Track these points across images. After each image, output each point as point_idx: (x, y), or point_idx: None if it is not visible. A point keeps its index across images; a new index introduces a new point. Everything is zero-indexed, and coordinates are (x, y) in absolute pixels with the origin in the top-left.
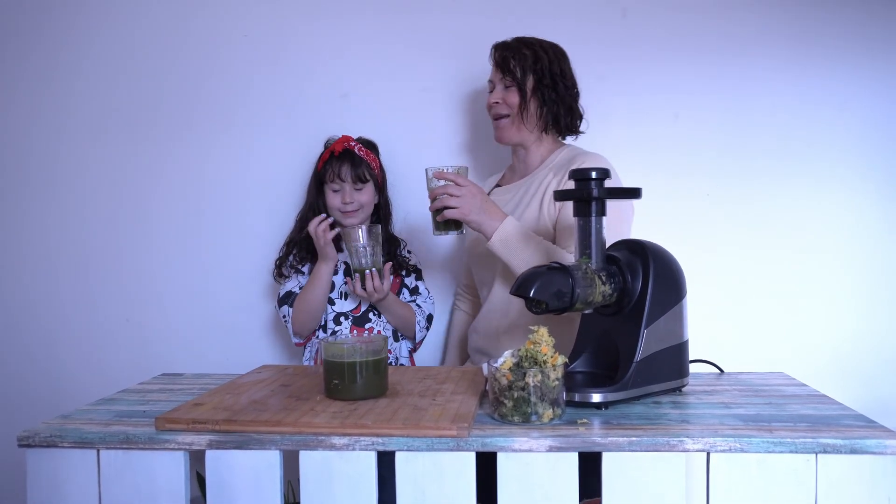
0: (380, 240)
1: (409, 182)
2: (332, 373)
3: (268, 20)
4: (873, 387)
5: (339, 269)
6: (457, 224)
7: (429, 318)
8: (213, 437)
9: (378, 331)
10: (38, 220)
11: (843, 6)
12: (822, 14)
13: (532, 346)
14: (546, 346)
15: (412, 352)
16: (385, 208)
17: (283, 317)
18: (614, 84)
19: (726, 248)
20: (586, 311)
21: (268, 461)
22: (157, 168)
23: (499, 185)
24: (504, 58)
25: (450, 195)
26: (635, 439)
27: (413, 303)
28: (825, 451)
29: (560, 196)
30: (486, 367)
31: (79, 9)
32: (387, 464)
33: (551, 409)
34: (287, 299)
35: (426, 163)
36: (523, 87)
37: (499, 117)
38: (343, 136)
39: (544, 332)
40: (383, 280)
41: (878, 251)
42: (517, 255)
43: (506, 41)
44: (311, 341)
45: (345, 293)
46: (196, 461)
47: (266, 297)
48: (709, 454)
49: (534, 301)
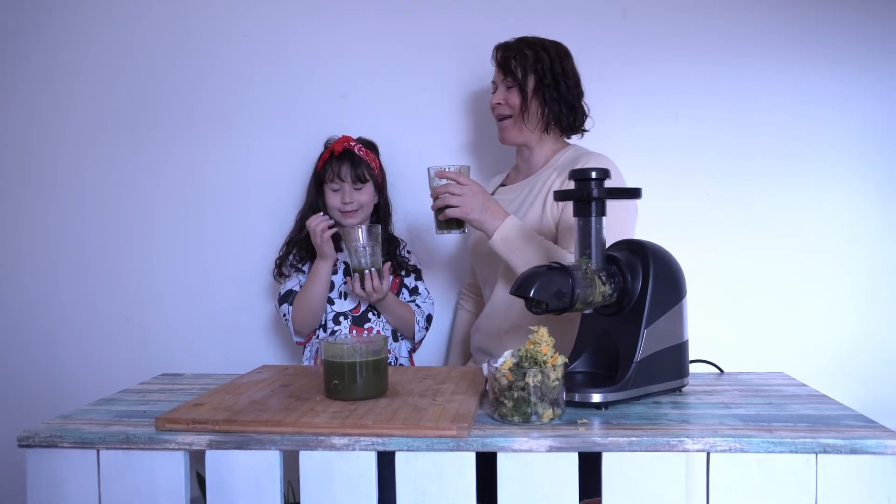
0: (379, 240)
1: (408, 182)
2: (332, 373)
3: (268, 20)
4: (873, 387)
5: (339, 268)
6: (459, 223)
7: (428, 319)
8: (213, 437)
9: (377, 331)
10: (38, 220)
11: (843, 6)
12: (822, 14)
13: (532, 346)
14: (546, 346)
15: (411, 352)
16: (385, 208)
17: (284, 315)
18: (614, 84)
19: (726, 248)
20: (586, 312)
21: (268, 461)
22: (157, 168)
23: (503, 184)
24: (505, 58)
25: (451, 194)
26: (635, 439)
27: (412, 303)
28: (825, 451)
29: (560, 196)
30: (486, 367)
31: (79, 9)
32: (386, 464)
33: (551, 410)
34: (287, 297)
35: (426, 163)
36: (524, 88)
37: (502, 118)
38: (343, 136)
39: (544, 332)
40: (382, 280)
41: (878, 251)
42: (518, 254)
43: (508, 42)
44: (310, 341)
45: (344, 293)
46: (196, 461)
47: (266, 296)
48: (709, 454)
49: (534, 301)
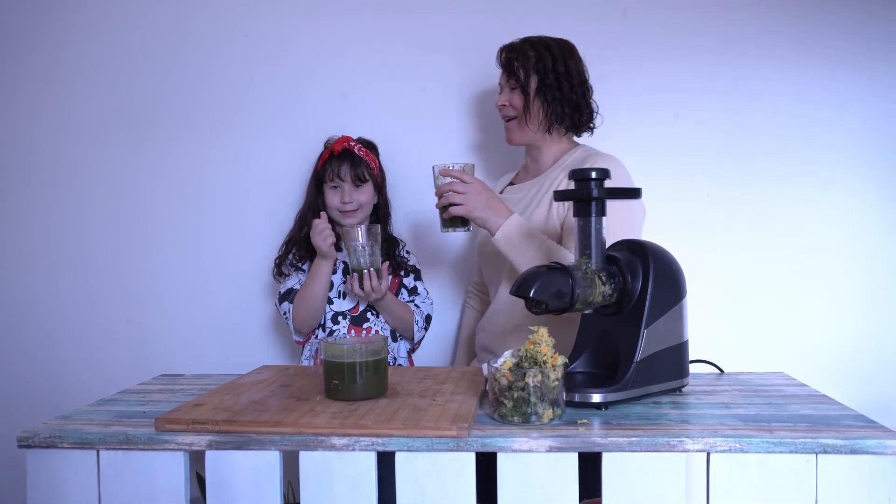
0: (379, 239)
1: (408, 182)
2: (332, 373)
3: (268, 20)
4: (873, 387)
5: (338, 268)
6: (463, 221)
7: (427, 319)
8: (213, 437)
9: (376, 331)
10: (38, 220)
11: (843, 6)
12: (822, 14)
13: (532, 347)
14: (546, 346)
15: (410, 352)
16: (384, 208)
17: (284, 313)
18: (614, 84)
19: (726, 248)
20: (586, 312)
21: (268, 461)
22: (157, 168)
23: (512, 182)
24: (509, 60)
25: (455, 192)
26: (635, 439)
27: (411, 303)
28: (825, 452)
29: (560, 196)
30: (485, 367)
31: (79, 9)
32: (386, 464)
33: (551, 410)
34: (288, 296)
35: (426, 163)
36: (527, 89)
37: (507, 119)
38: (343, 136)
39: (544, 332)
40: (381, 280)
41: (878, 251)
42: (519, 253)
43: (512, 43)
44: (309, 340)
45: (343, 292)
46: (196, 461)
47: (266, 296)
48: (709, 454)
49: (534, 301)
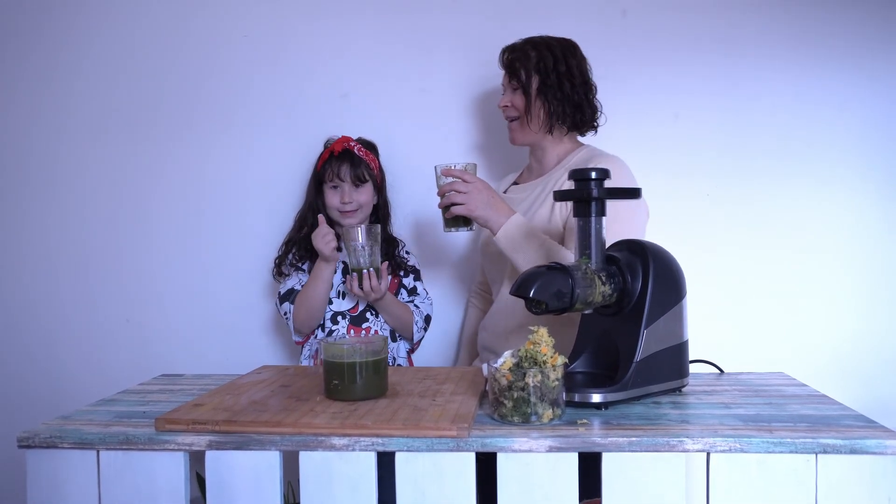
0: (378, 239)
1: (408, 183)
2: (332, 373)
3: (268, 20)
4: (873, 387)
5: (338, 268)
6: (465, 221)
7: (427, 319)
8: (213, 437)
9: (375, 331)
10: (38, 220)
11: (843, 6)
12: (822, 14)
13: (532, 347)
14: (546, 346)
15: (410, 352)
16: (384, 209)
17: (285, 314)
18: (614, 84)
19: (726, 248)
20: (586, 312)
21: (268, 462)
22: (157, 168)
23: (516, 182)
24: (510, 61)
25: (457, 191)
26: (635, 439)
27: (411, 303)
28: (825, 452)
29: (560, 196)
30: (485, 367)
31: (79, 9)
32: (385, 464)
33: (551, 410)
34: (289, 296)
35: (426, 163)
36: (528, 90)
37: (510, 120)
38: (343, 136)
39: (544, 332)
40: (381, 280)
41: (878, 251)
42: (520, 252)
43: (514, 43)
44: (309, 340)
45: (342, 292)
46: (196, 462)
47: (266, 296)
48: (709, 454)
49: (533, 301)
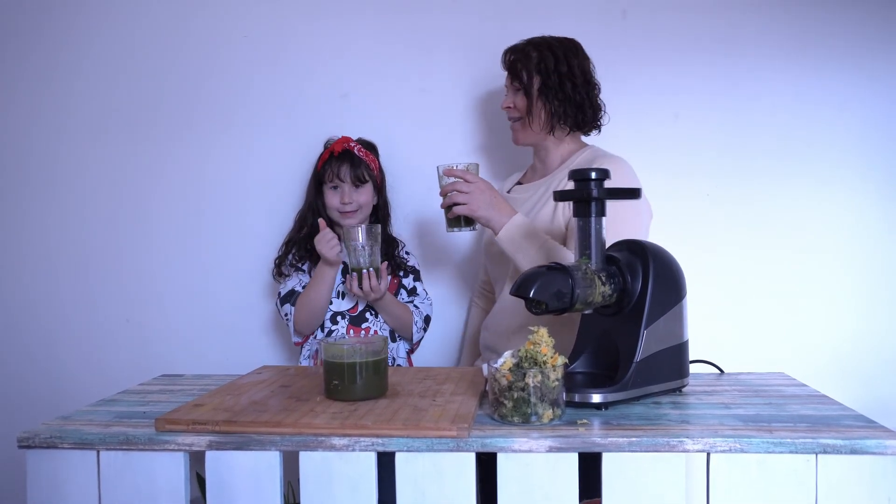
0: (378, 239)
1: (408, 183)
2: (332, 373)
3: (268, 20)
4: (873, 387)
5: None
6: (468, 220)
7: (426, 320)
8: (213, 437)
9: (375, 331)
10: (38, 220)
11: (843, 6)
12: (822, 14)
13: (532, 347)
14: (546, 346)
15: (410, 353)
16: (384, 209)
17: (285, 315)
18: (614, 84)
19: (726, 248)
20: (586, 312)
21: (268, 462)
22: (157, 168)
23: (520, 182)
24: (512, 62)
25: (459, 191)
26: (635, 440)
27: (410, 304)
28: (825, 452)
29: (560, 196)
30: (485, 367)
31: (79, 9)
32: (385, 464)
33: (551, 410)
34: (290, 298)
35: (425, 163)
36: (529, 91)
37: (512, 120)
38: (343, 136)
39: (544, 332)
40: (380, 280)
41: (878, 251)
42: (522, 252)
43: (516, 44)
44: (308, 340)
45: (342, 292)
46: (196, 462)
47: (266, 296)
48: (709, 454)
49: (533, 301)
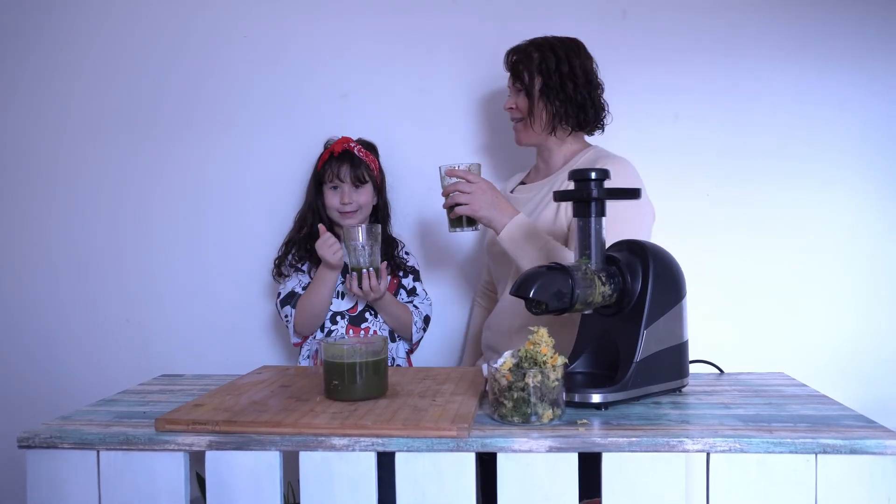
0: (379, 239)
1: (407, 183)
2: (332, 373)
3: (268, 20)
4: (873, 387)
5: None
6: (470, 221)
7: (426, 320)
8: (213, 437)
9: (374, 331)
10: (38, 220)
11: (843, 6)
12: (822, 14)
13: (532, 347)
14: (546, 346)
15: (409, 353)
16: (383, 209)
17: (285, 317)
18: (614, 84)
19: (726, 248)
20: (586, 312)
21: (268, 462)
22: (157, 168)
23: (523, 182)
24: (514, 63)
25: (461, 192)
26: (635, 440)
27: (410, 304)
28: (825, 452)
29: (559, 197)
30: (485, 367)
31: (79, 9)
32: (385, 464)
33: (551, 410)
34: (290, 300)
35: (425, 164)
36: (531, 92)
37: (515, 121)
38: (343, 136)
39: (544, 332)
40: (380, 279)
41: (878, 251)
42: (523, 253)
43: (518, 45)
44: (307, 340)
45: (342, 292)
46: (196, 462)
47: (266, 297)
48: (709, 455)
49: (533, 301)
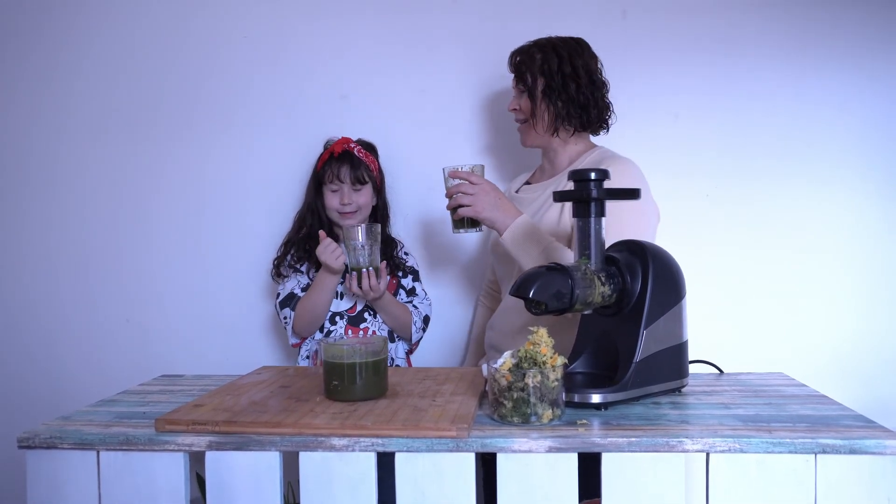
0: (378, 239)
1: (408, 184)
2: (332, 374)
3: (268, 20)
4: (873, 387)
5: None
6: (473, 222)
7: (425, 320)
8: (213, 438)
9: (373, 331)
10: (38, 220)
11: (843, 6)
12: (822, 14)
13: (531, 347)
14: (545, 346)
15: (409, 353)
16: (383, 210)
17: (284, 318)
18: (614, 84)
19: (726, 248)
20: (586, 312)
21: (268, 462)
22: (157, 168)
23: (528, 182)
24: (517, 64)
25: (464, 193)
26: (635, 440)
27: (409, 304)
28: (825, 452)
29: (559, 197)
30: (485, 367)
31: (79, 9)
32: (385, 465)
33: (551, 410)
34: (289, 301)
35: (425, 164)
36: (533, 93)
37: (518, 122)
38: (342, 137)
39: (543, 332)
40: (380, 279)
41: (878, 251)
42: (526, 253)
43: (521, 46)
44: (305, 340)
45: (341, 292)
46: (196, 462)
47: (266, 297)
48: (708, 455)
49: (533, 302)
